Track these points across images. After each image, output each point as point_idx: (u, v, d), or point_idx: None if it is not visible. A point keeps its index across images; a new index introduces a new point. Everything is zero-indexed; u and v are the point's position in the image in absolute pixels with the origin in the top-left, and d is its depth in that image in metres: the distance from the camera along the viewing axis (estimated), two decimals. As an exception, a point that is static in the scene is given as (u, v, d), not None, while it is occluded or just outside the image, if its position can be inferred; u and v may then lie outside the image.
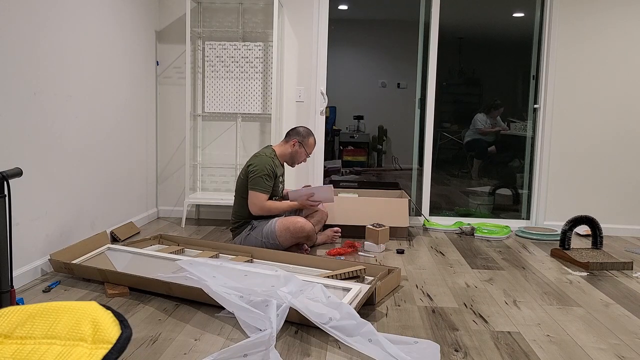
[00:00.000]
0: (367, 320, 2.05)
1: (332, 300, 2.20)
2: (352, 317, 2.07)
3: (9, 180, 2.02)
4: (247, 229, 3.31)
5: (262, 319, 2.08)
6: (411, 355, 1.91)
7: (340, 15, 4.99)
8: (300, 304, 2.15)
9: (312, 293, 2.26)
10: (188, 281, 2.38)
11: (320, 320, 2.09)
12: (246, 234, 3.30)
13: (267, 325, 2.03)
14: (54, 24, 2.82)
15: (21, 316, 1.57)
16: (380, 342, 1.95)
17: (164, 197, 4.45)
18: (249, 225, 3.32)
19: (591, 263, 3.18)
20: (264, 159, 3.28)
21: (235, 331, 2.16)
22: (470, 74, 4.87)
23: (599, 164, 4.27)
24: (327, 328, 2.05)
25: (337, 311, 2.12)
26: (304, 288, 2.30)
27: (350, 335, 2.01)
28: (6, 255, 2.00)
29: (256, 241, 3.28)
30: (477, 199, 4.91)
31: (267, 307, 2.15)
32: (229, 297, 2.22)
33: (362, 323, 2.04)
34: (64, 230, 2.99)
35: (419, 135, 4.59)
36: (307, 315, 2.10)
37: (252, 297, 2.22)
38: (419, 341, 2.01)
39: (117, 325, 1.53)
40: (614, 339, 2.18)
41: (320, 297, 2.23)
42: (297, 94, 4.32)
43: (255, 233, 3.28)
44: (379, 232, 3.43)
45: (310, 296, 2.24)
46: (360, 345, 1.96)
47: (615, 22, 4.16)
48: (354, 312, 2.10)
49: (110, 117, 3.52)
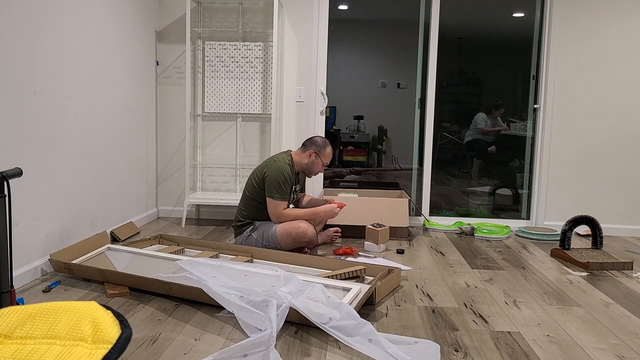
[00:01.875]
0: (367, 320, 2.05)
1: (332, 300, 2.20)
2: (352, 317, 2.07)
3: (9, 180, 2.02)
4: (249, 229, 3.31)
5: (262, 319, 2.08)
6: (411, 355, 1.90)
7: (340, 15, 4.99)
8: (300, 304, 2.15)
9: (312, 293, 2.26)
10: (188, 281, 2.38)
11: (320, 320, 2.09)
12: (247, 234, 3.30)
13: (267, 325, 2.03)
14: (54, 24, 2.82)
15: (21, 316, 1.57)
16: (380, 342, 1.95)
17: (164, 197, 4.45)
18: (251, 226, 3.32)
19: (591, 263, 3.18)
20: (282, 166, 3.25)
21: (235, 331, 2.16)
22: (470, 74, 4.87)
23: (599, 164, 4.27)
24: (327, 328, 2.05)
25: (337, 311, 2.12)
26: (304, 288, 2.30)
27: (350, 335, 2.01)
28: (6, 255, 2.00)
29: (257, 243, 3.27)
30: (477, 199, 4.91)
31: (267, 307, 2.15)
32: (229, 297, 2.22)
33: (362, 323, 2.04)
34: (64, 230, 2.99)
35: (419, 135, 4.60)
36: (307, 315, 2.10)
37: (252, 297, 2.22)
38: (419, 341, 2.01)
39: (117, 325, 1.52)
40: (614, 339, 2.18)
41: (320, 297, 2.23)
42: (297, 94, 4.32)
43: (257, 235, 3.28)
44: (379, 232, 3.43)
45: (310, 296, 2.24)
46: (360, 346, 1.96)
47: (615, 22, 4.16)
48: (354, 312, 2.10)
49: (110, 117, 3.52)
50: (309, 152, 3.38)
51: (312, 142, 3.41)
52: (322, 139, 3.44)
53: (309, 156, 3.38)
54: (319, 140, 3.42)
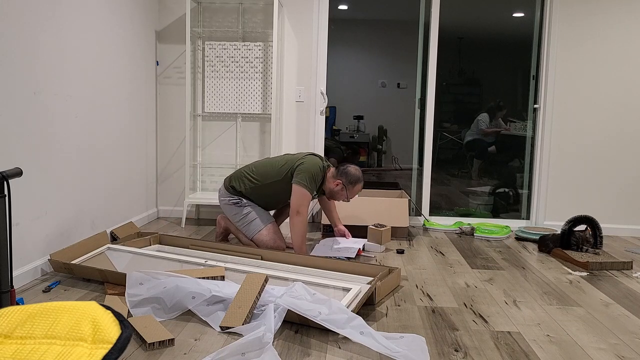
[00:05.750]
0: (367, 320, 2.06)
1: (318, 297, 2.22)
2: (343, 312, 2.10)
3: (9, 180, 2.02)
4: (234, 200, 3.31)
5: None
6: (401, 348, 1.94)
7: (340, 15, 4.99)
8: (288, 301, 2.18)
9: (294, 291, 2.26)
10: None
11: (310, 313, 2.11)
12: (230, 202, 3.31)
13: None
14: (54, 24, 2.82)
15: (21, 316, 1.57)
16: (372, 334, 1.99)
17: (164, 197, 4.45)
18: (238, 200, 3.32)
19: (591, 263, 3.18)
20: (318, 164, 3.23)
21: (235, 331, 2.16)
22: (470, 74, 4.87)
23: (599, 164, 4.27)
24: (319, 320, 2.07)
25: (325, 306, 2.14)
26: (286, 290, 2.30)
27: (342, 328, 2.04)
28: (6, 255, 2.00)
29: (232, 218, 3.31)
30: (477, 199, 4.91)
31: (264, 308, 2.17)
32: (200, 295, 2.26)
33: (353, 317, 2.07)
34: (64, 230, 2.99)
35: (419, 135, 4.60)
36: (296, 310, 2.12)
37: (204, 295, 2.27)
38: (405, 335, 2.06)
39: (117, 325, 1.53)
40: (614, 339, 2.18)
41: (304, 295, 2.24)
42: (297, 94, 4.32)
43: (235, 212, 3.29)
44: (382, 233, 3.43)
45: (294, 294, 2.25)
46: (353, 336, 1.99)
47: (615, 22, 4.16)
48: (344, 307, 2.13)
49: (110, 117, 3.52)
50: (338, 182, 3.27)
51: (345, 173, 3.25)
52: (357, 174, 3.27)
53: (336, 185, 3.28)
54: (352, 173, 3.26)
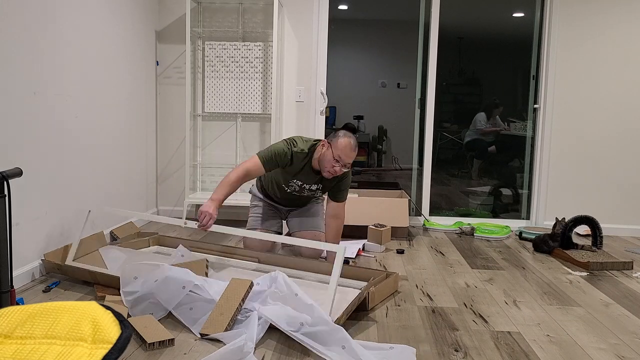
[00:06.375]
0: (366, 321, 2.05)
1: (301, 299, 2.12)
2: (324, 323, 2.00)
3: (9, 180, 2.02)
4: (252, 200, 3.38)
5: None
6: None
7: (340, 15, 4.99)
8: (269, 312, 2.10)
9: (278, 285, 2.21)
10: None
11: (292, 328, 2.03)
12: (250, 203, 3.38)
13: None
14: (54, 24, 2.82)
15: (21, 316, 1.57)
16: (354, 349, 1.90)
17: (164, 197, 4.45)
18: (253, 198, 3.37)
19: (591, 263, 3.18)
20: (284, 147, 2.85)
21: (235, 331, 2.15)
22: (470, 74, 4.87)
23: (599, 164, 4.27)
24: (299, 336, 2.00)
25: (308, 315, 2.05)
26: (270, 282, 2.25)
27: (324, 344, 1.96)
28: (6, 255, 2.00)
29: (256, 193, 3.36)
30: (477, 199, 4.91)
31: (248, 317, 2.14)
32: None
33: (335, 329, 1.97)
34: (64, 230, 2.99)
35: (419, 135, 4.60)
36: (277, 325, 2.05)
37: None
38: (395, 346, 1.98)
39: (117, 325, 1.53)
40: (614, 339, 2.18)
41: (287, 294, 2.16)
42: (297, 94, 4.32)
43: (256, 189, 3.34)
44: (382, 233, 3.43)
45: (278, 295, 2.18)
46: (334, 354, 1.91)
47: (615, 23, 4.16)
48: (326, 316, 2.03)
49: (110, 117, 3.52)
50: (323, 142, 2.85)
51: (333, 135, 2.85)
52: (344, 133, 2.82)
53: (322, 146, 2.84)
54: (338, 133, 2.82)
